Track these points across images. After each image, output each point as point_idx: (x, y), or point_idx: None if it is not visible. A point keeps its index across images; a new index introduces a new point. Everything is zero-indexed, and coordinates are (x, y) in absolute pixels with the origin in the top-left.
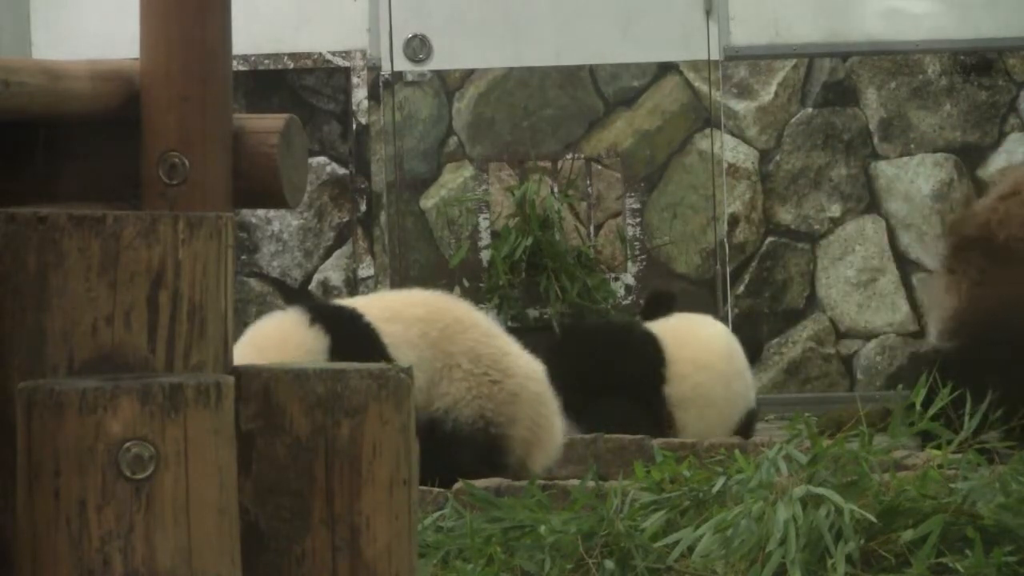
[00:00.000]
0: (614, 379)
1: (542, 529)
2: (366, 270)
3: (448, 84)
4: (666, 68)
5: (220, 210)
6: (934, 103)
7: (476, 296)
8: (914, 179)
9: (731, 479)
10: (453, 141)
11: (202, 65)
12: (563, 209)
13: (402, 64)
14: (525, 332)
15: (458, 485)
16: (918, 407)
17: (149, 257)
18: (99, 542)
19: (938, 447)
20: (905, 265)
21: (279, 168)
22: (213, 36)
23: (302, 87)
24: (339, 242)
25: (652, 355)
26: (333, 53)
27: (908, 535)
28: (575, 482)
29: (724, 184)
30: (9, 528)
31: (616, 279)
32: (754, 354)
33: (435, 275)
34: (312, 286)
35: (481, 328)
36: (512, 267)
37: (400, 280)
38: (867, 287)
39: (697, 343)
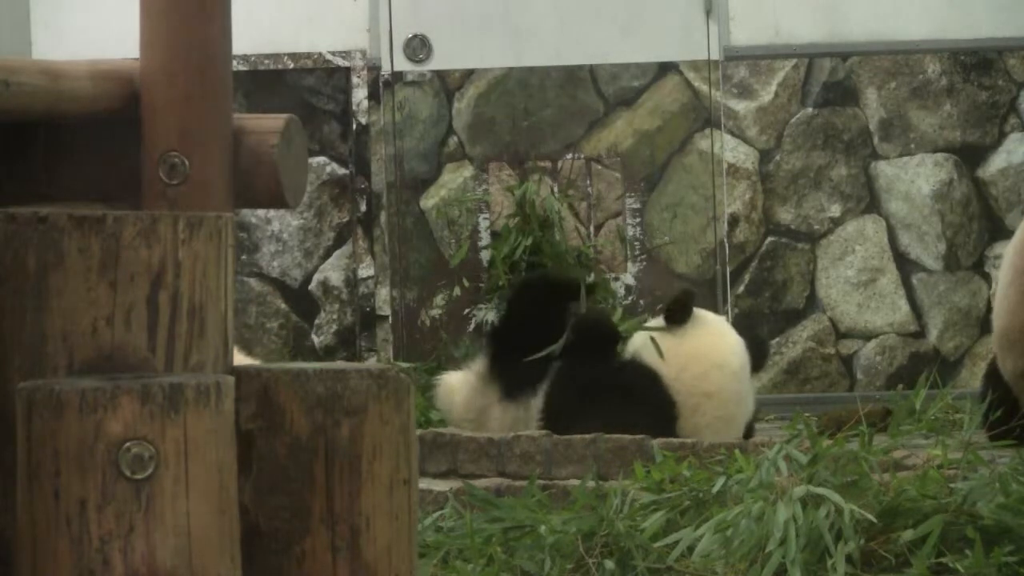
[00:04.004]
0: None
1: (542, 529)
2: (366, 270)
3: (448, 84)
4: (666, 68)
5: (220, 210)
6: (934, 103)
7: (476, 296)
8: (914, 179)
9: (731, 479)
10: (453, 141)
11: (202, 65)
12: (563, 209)
13: (402, 64)
14: None
15: (458, 485)
16: None
17: (149, 257)
18: (99, 542)
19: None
20: (905, 265)
21: (279, 168)
22: (213, 36)
23: (302, 87)
24: (339, 242)
25: None
26: (333, 53)
27: (908, 535)
28: (575, 482)
29: (724, 184)
30: (9, 528)
31: (616, 279)
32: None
33: (435, 275)
34: (312, 286)
35: None
36: (512, 267)
37: (400, 280)
38: (867, 287)
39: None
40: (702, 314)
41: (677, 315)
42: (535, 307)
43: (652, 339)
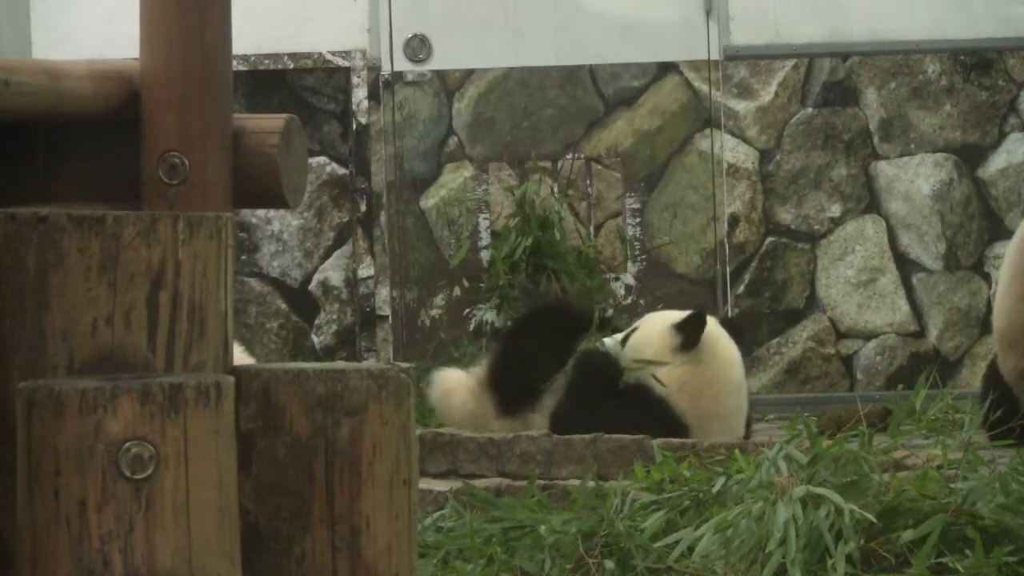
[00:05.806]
0: None
1: (542, 529)
2: (366, 270)
3: (448, 84)
4: (666, 68)
5: (220, 210)
6: (934, 103)
7: (476, 296)
8: (914, 179)
9: (731, 479)
10: (453, 141)
11: (202, 65)
12: (563, 209)
13: (402, 64)
14: None
15: (458, 485)
16: None
17: (149, 257)
18: (99, 542)
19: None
20: (905, 265)
21: (279, 168)
22: (213, 36)
23: (302, 87)
24: (339, 242)
25: None
26: (333, 53)
27: (908, 535)
28: (575, 482)
29: (724, 184)
30: (9, 528)
31: (616, 279)
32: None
33: (435, 275)
34: (312, 286)
35: None
36: (512, 267)
37: (400, 280)
38: (867, 287)
39: None
40: (707, 329)
41: (690, 340)
42: (547, 334)
43: (655, 376)
